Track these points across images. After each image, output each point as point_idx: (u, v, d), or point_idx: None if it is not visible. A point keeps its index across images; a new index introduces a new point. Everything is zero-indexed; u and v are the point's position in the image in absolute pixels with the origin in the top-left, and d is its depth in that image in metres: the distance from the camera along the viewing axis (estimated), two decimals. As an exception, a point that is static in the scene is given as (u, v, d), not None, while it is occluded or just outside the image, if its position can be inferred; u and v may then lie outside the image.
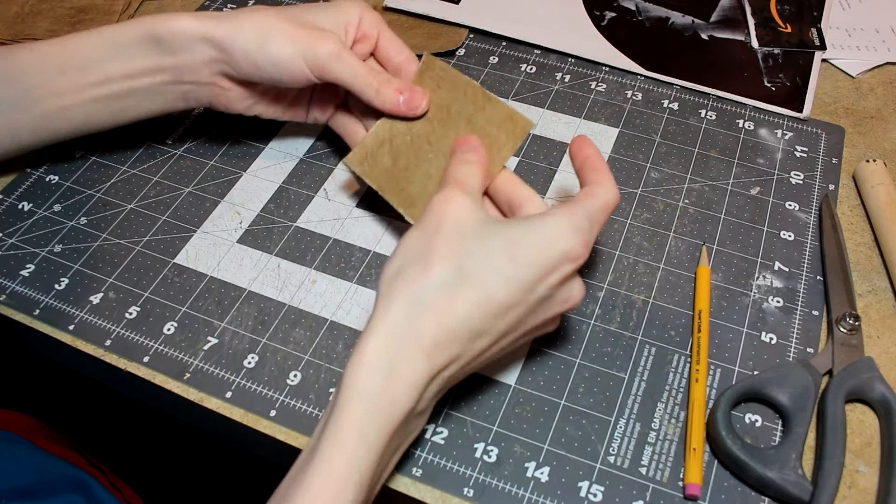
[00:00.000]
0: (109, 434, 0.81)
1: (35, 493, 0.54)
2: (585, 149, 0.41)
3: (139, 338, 0.44)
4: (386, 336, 0.33)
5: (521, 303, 0.35)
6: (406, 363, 0.33)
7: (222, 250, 0.49)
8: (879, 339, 0.44)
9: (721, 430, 0.38)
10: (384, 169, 0.45)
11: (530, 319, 0.37)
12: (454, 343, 0.34)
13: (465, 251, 0.35)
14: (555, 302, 0.37)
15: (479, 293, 0.34)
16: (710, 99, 0.57)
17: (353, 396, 0.32)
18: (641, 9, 0.64)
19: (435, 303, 0.34)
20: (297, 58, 0.44)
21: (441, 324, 0.34)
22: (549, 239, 0.35)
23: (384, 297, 0.35)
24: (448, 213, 0.36)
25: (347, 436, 0.32)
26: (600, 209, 0.38)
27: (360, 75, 0.44)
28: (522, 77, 0.59)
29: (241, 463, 0.81)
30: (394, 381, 0.33)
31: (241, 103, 0.49)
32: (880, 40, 0.61)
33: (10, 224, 0.50)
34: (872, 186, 0.49)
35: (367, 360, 0.33)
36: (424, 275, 0.34)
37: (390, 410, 0.33)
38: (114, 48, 0.46)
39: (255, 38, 0.44)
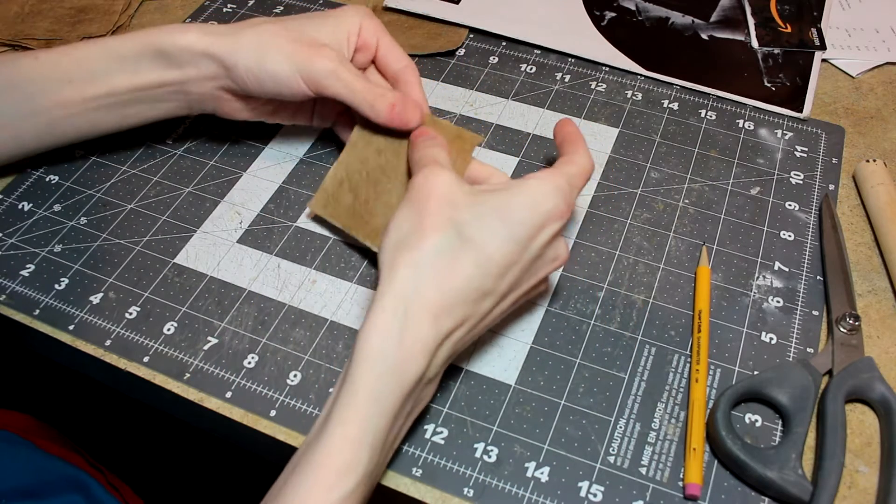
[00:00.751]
0: (109, 434, 0.81)
1: (35, 494, 0.54)
2: (566, 126, 0.44)
3: (139, 338, 0.44)
4: (394, 302, 0.35)
5: (518, 261, 0.37)
6: (415, 327, 0.34)
7: (222, 250, 0.49)
8: (879, 339, 0.44)
9: (721, 430, 0.38)
10: (346, 206, 0.47)
11: (526, 278, 0.38)
12: (460, 305, 0.35)
13: (459, 217, 0.36)
14: (546, 260, 0.39)
15: (478, 255, 0.36)
16: (710, 99, 0.57)
17: (365, 361, 0.34)
18: (641, 9, 0.64)
19: (437, 267, 0.35)
20: (294, 74, 0.44)
21: (445, 287, 0.35)
22: (536, 198, 0.37)
23: (387, 267, 0.36)
24: (434, 186, 0.38)
25: (361, 398, 0.33)
26: (578, 174, 0.40)
27: (356, 91, 0.45)
28: (522, 77, 0.59)
29: (241, 463, 0.81)
30: (405, 344, 0.34)
31: (247, 112, 0.50)
32: (880, 40, 0.61)
33: (10, 224, 0.50)
34: (872, 186, 0.49)
35: (378, 325, 0.34)
36: (422, 242, 0.36)
37: (402, 373, 0.34)
38: (119, 61, 0.46)
39: (254, 54, 0.45)
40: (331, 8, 0.66)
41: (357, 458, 0.32)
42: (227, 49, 0.45)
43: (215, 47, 0.45)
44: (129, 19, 0.65)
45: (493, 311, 0.38)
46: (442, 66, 0.60)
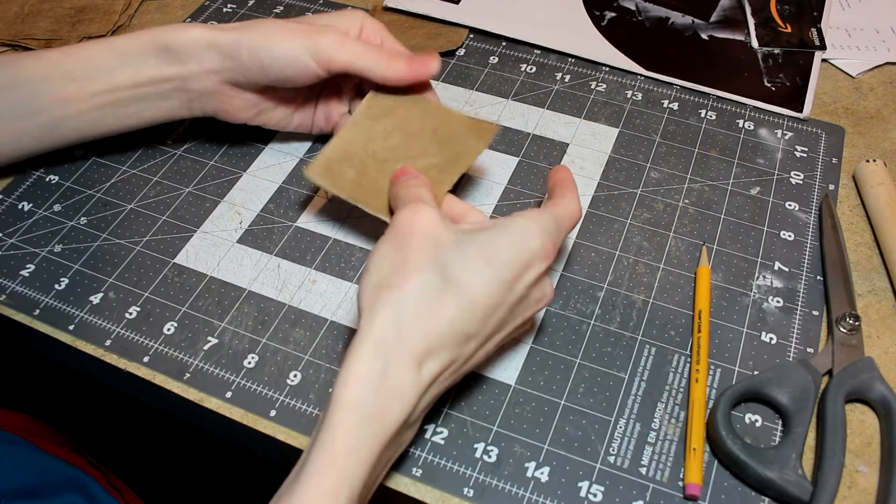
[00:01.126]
0: (109, 434, 0.81)
1: (35, 494, 0.54)
2: (560, 172, 0.42)
3: (139, 338, 0.44)
4: (374, 347, 0.33)
5: (503, 303, 0.36)
6: (396, 373, 0.33)
7: (222, 250, 0.49)
8: (879, 339, 0.44)
9: (721, 430, 0.38)
10: (350, 180, 0.45)
11: (511, 319, 0.37)
12: (444, 349, 0.34)
13: (442, 258, 0.35)
14: (531, 301, 0.38)
15: (462, 297, 0.34)
16: (710, 99, 0.57)
17: (343, 409, 0.32)
18: (641, 9, 0.64)
19: (420, 310, 0.34)
20: (303, 52, 0.44)
21: (429, 330, 0.34)
22: (522, 238, 0.36)
23: (368, 309, 0.34)
24: (417, 224, 0.36)
25: (338, 449, 0.31)
26: (565, 216, 0.39)
27: (366, 54, 0.44)
28: (522, 77, 0.59)
29: (241, 463, 0.81)
30: (385, 392, 0.32)
31: (247, 111, 0.49)
32: (880, 40, 0.61)
33: (10, 224, 0.50)
34: (872, 186, 0.49)
35: (357, 371, 0.33)
36: (405, 283, 0.34)
37: (381, 422, 0.32)
38: (122, 57, 0.46)
39: (260, 39, 0.45)
40: (331, 8, 0.66)
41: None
42: (231, 39, 0.45)
43: (219, 39, 0.45)
44: (129, 19, 0.65)
45: (478, 352, 0.36)
46: (442, 66, 0.60)
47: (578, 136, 0.55)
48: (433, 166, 0.45)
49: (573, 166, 0.53)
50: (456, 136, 0.46)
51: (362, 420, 0.32)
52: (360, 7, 0.65)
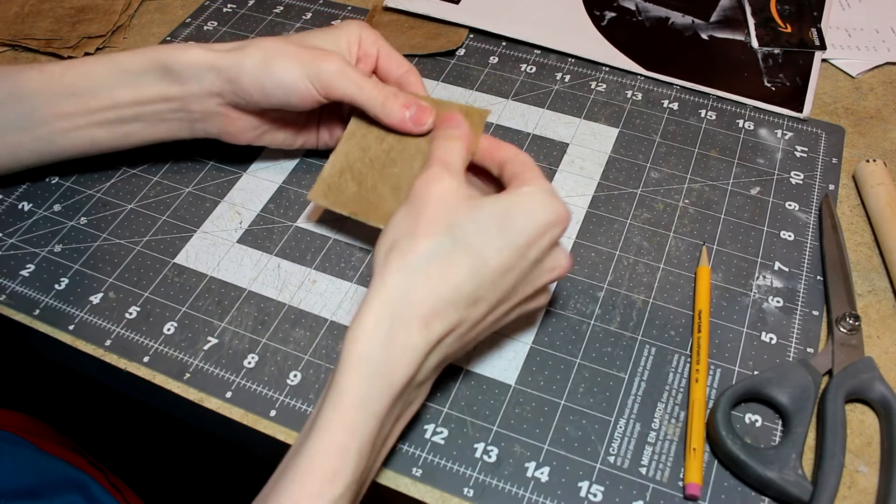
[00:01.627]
0: (109, 434, 0.81)
1: (35, 493, 0.54)
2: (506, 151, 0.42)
3: (139, 338, 0.44)
4: (383, 305, 0.34)
5: (514, 268, 0.36)
6: (404, 331, 0.34)
7: (222, 250, 0.49)
8: (879, 339, 0.44)
9: (721, 430, 0.38)
10: (351, 194, 0.46)
11: (523, 286, 0.38)
12: (451, 310, 0.35)
13: (455, 222, 0.36)
14: (544, 269, 0.38)
15: (472, 260, 0.35)
16: (710, 99, 0.57)
17: (352, 364, 0.33)
18: (641, 9, 0.64)
19: (429, 271, 0.35)
20: (303, 78, 0.44)
21: (437, 292, 0.34)
22: (535, 206, 0.36)
23: (379, 269, 0.36)
24: (434, 190, 0.37)
25: (348, 403, 0.33)
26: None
27: (365, 89, 0.44)
28: (522, 77, 0.59)
29: (241, 463, 0.81)
30: (393, 348, 0.33)
31: (250, 133, 0.49)
32: (880, 40, 0.61)
33: (10, 224, 0.50)
34: (872, 186, 0.49)
35: (366, 328, 0.34)
36: (416, 245, 0.35)
37: (389, 378, 0.33)
38: (123, 74, 0.46)
39: (260, 63, 0.45)
40: (331, 8, 0.66)
41: (343, 464, 0.32)
42: (232, 61, 0.45)
43: (220, 61, 0.45)
44: (129, 19, 0.65)
45: (487, 317, 0.37)
46: (442, 66, 0.60)
47: (578, 136, 0.55)
48: None
49: (573, 166, 0.53)
50: None
51: (370, 375, 0.33)
52: (361, 7, 0.66)
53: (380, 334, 0.33)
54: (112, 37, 0.64)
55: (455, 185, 0.38)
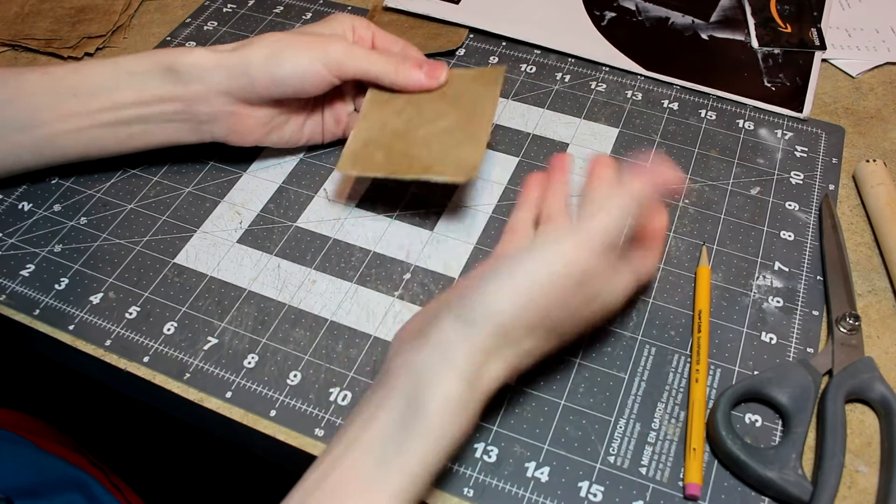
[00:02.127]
0: (110, 434, 0.81)
1: (35, 493, 0.54)
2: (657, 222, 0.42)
3: (139, 338, 0.44)
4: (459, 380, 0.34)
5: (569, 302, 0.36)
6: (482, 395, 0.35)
7: (222, 250, 0.49)
8: (879, 339, 0.44)
9: (721, 430, 0.38)
10: (381, 160, 0.46)
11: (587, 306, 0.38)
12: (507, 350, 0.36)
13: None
14: (622, 276, 0.39)
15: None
16: (710, 99, 0.57)
17: (432, 438, 0.33)
18: (641, 9, 0.64)
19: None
20: (315, 63, 0.45)
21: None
22: (545, 263, 0.36)
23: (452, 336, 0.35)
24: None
25: (418, 471, 0.33)
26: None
27: (376, 62, 0.46)
28: (522, 77, 0.59)
29: (241, 463, 0.81)
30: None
31: (259, 130, 0.49)
32: (880, 40, 0.61)
33: (10, 224, 0.50)
34: (872, 186, 0.49)
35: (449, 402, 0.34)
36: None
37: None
38: (127, 76, 0.46)
39: (269, 55, 0.46)
40: (331, 8, 0.66)
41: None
42: (238, 59, 0.46)
43: (225, 60, 0.46)
44: (129, 19, 0.65)
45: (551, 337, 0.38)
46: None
47: (578, 136, 0.55)
48: (454, 126, 0.46)
49: (573, 166, 0.52)
50: (465, 90, 0.48)
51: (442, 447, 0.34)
52: (361, 7, 0.66)
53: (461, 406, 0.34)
54: (112, 37, 0.64)
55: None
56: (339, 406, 0.41)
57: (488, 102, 0.47)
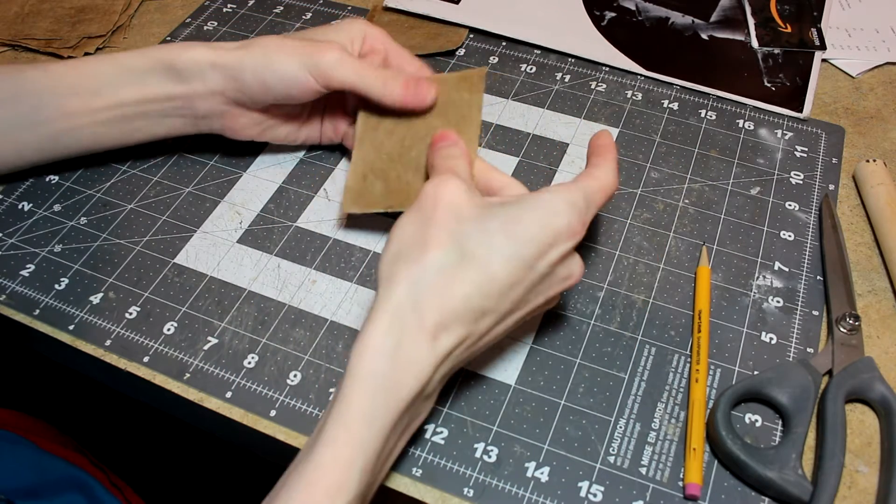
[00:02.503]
0: (110, 434, 0.81)
1: (36, 493, 0.54)
2: (600, 139, 0.42)
3: (139, 338, 0.44)
4: (390, 319, 0.34)
5: (523, 280, 0.35)
6: (412, 346, 0.33)
7: (222, 250, 0.49)
8: (879, 339, 0.44)
9: (721, 430, 0.38)
10: (381, 192, 0.46)
11: (532, 297, 0.37)
12: (458, 324, 0.34)
13: (463, 232, 0.35)
14: (555, 279, 0.37)
15: (480, 273, 0.34)
16: (710, 99, 0.57)
17: (358, 380, 0.33)
18: (641, 9, 0.64)
19: (436, 284, 0.34)
20: (303, 69, 0.44)
21: (444, 305, 0.34)
22: (546, 215, 0.36)
23: (385, 280, 0.35)
24: (442, 197, 0.36)
25: (353, 418, 0.32)
26: (598, 189, 0.38)
27: (365, 75, 0.45)
28: (522, 77, 0.59)
29: (241, 463, 0.81)
30: (400, 363, 0.33)
31: (253, 129, 0.49)
32: (880, 40, 0.61)
33: (10, 224, 0.50)
34: (872, 186, 0.49)
35: (372, 343, 0.33)
36: (424, 257, 0.34)
37: (397, 393, 0.33)
38: (127, 73, 0.46)
39: (261, 58, 0.45)
40: (331, 7, 0.66)
41: (348, 478, 0.31)
42: (234, 59, 0.45)
43: (222, 59, 0.45)
44: (129, 19, 0.65)
45: (496, 328, 0.36)
46: (442, 66, 0.60)
47: (578, 136, 0.55)
48: None
49: (573, 166, 0.53)
50: (451, 99, 0.47)
51: (377, 390, 0.33)
52: (361, 7, 0.66)
53: (387, 349, 0.33)
54: (112, 37, 0.64)
55: (464, 188, 0.37)
56: (339, 406, 0.41)
57: (474, 109, 0.46)
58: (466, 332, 0.35)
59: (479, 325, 0.35)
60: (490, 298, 0.35)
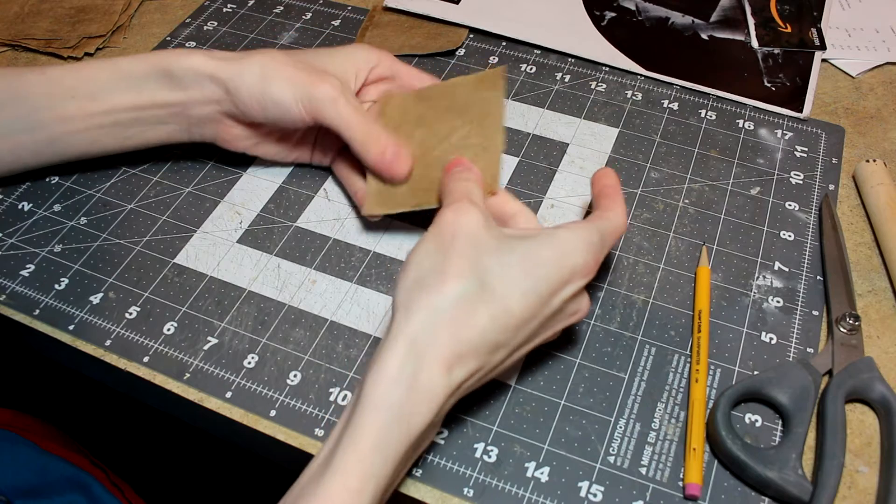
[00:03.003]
0: (110, 434, 0.81)
1: (36, 493, 0.54)
2: (606, 178, 0.42)
3: (139, 338, 0.44)
4: (406, 347, 0.33)
5: (537, 315, 0.36)
6: (426, 376, 0.33)
7: (222, 250, 0.49)
8: (879, 339, 0.44)
9: (721, 430, 0.38)
10: (404, 192, 0.46)
11: (542, 331, 0.37)
12: (473, 356, 0.34)
13: (483, 264, 0.35)
14: (564, 315, 0.38)
15: (497, 307, 0.34)
16: (710, 99, 0.57)
17: (372, 409, 0.32)
18: (641, 9, 0.64)
19: (454, 315, 0.34)
20: (295, 100, 0.44)
21: (461, 337, 0.34)
22: (563, 253, 0.36)
23: (403, 307, 0.35)
24: (462, 226, 0.36)
25: (365, 447, 0.32)
26: (612, 231, 0.39)
27: (351, 125, 0.44)
28: (522, 77, 0.59)
29: (241, 463, 0.81)
30: (414, 394, 0.33)
31: (245, 142, 0.49)
32: (880, 40, 0.61)
33: (10, 224, 0.50)
34: (872, 186, 0.49)
35: (388, 371, 0.33)
36: (443, 287, 0.34)
37: (409, 423, 0.33)
38: (125, 79, 0.46)
39: (258, 78, 0.45)
40: (331, 7, 0.66)
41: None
42: (232, 73, 0.45)
43: (221, 71, 0.45)
44: (129, 19, 0.65)
45: (505, 362, 0.36)
46: (442, 66, 0.60)
47: (578, 136, 0.55)
48: (467, 139, 0.45)
49: (573, 166, 0.53)
50: (470, 99, 0.47)
51: (391, 420, 0.32)
52: (361, 7, 0.66)
53: (403, 378, 0.33)
54: (112, 37, 0.64)
55: (482, 218, 0.37)
56: (339, 406, 0.41)
57: (495, 108, 0.46)
58: (480, 363, 0.35)
59: (493, 357, 0.35)
60: (506, 332, 0.35)
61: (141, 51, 0.62)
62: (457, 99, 0.47)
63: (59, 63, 0.50)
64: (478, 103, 0.46)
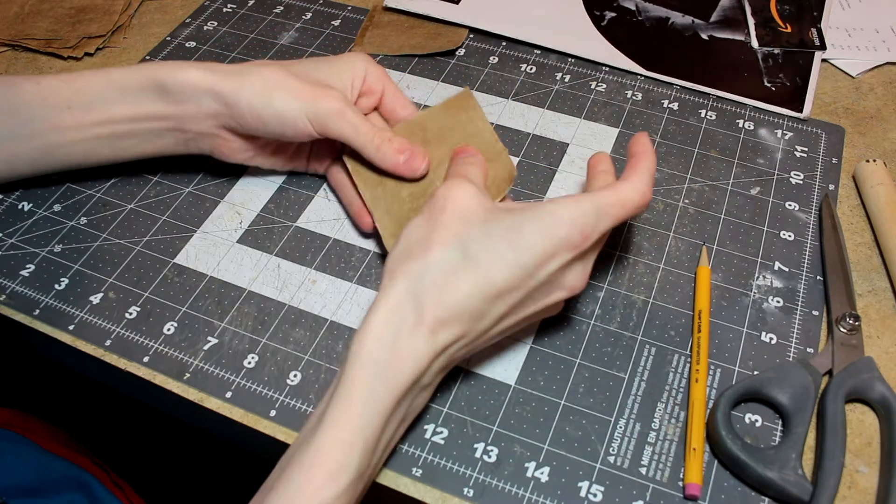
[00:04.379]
0: (110, 433, 0.82)
1: (37, 492, 0.54)
2: (637, 145, 0.41)
3: (139, 338, 0.44)
4: (390, 310, 0.35)
5: (521, 286, 0.36)
6: (409, 337, 0.35)
7: (222, 250, 0.49)
8: (879, 339, 0.44)
9: (721, 430, 0.38)
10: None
11: (530, 303, 0.38)
12: (457, 322, 0.35)
13: (468, 234, 0.36)
14: (554, 288, 0.38)
15: (479, 275, 0.35)
16: (710, 99, 0.57)
17: (359, 365, 0.34)
18: (641, 9, 0.64)
19: (437, 281, 0.35)
20: (301, 114, 0.44)
21: (444, 302, 0.35)
22: (549, 225, 0.36)
23: (389, 273, 0.36)
24: (452, 199, 0.38)
25: (354, 401, 0.33)
26: (615, 203, 0.37)
27: (363, 133, 0.44)
28: (522, 77, 0.59)
29: (241, 463, 0.81)
30: (398, 352, 0.34)
31: (242, 154, 0.49)
32: (880, 40, 0.61)
33: (10, 224, 0.50)
34: (872, 186, 0.49)
35: (373, 331, 0.35)
36: (427, 254, 0.36)
37: (395, 379, 0.34)
38: (120, 91, 0.46)
39: (260, 93, 0.44)
40: (331, 7, 0.66)
41: (348, 459, 0.33)
42: (232, 87, 0.44)
43: (219, 85, 0.45)
44: (129, 19, 0.66)
45: (492, 329, 0.37)
46: (442, 66, 0.60)
47: (578, 136, 0.55)
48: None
49: (573, 166, 0.53)
50: (449, 125, 0.47)
51: (377, 376, 0.34)
52: (361, 7, 0.66)
53: (386, 338, 0.34)
54: (112, 37, 0.64)
55: (474, 191, 0.38)
56: (339, 406, 0.41)
57: (479, 121, 0.47)
58: (464, 330, 0.36)
59: (478, 325, 0.36)
60: (488, 301, 0.36)
61: (141, 51, 0.62)
62: (433, 129, 0.47)
63: (53, 73, 0.50)
64: (459, 126, 0.47)
